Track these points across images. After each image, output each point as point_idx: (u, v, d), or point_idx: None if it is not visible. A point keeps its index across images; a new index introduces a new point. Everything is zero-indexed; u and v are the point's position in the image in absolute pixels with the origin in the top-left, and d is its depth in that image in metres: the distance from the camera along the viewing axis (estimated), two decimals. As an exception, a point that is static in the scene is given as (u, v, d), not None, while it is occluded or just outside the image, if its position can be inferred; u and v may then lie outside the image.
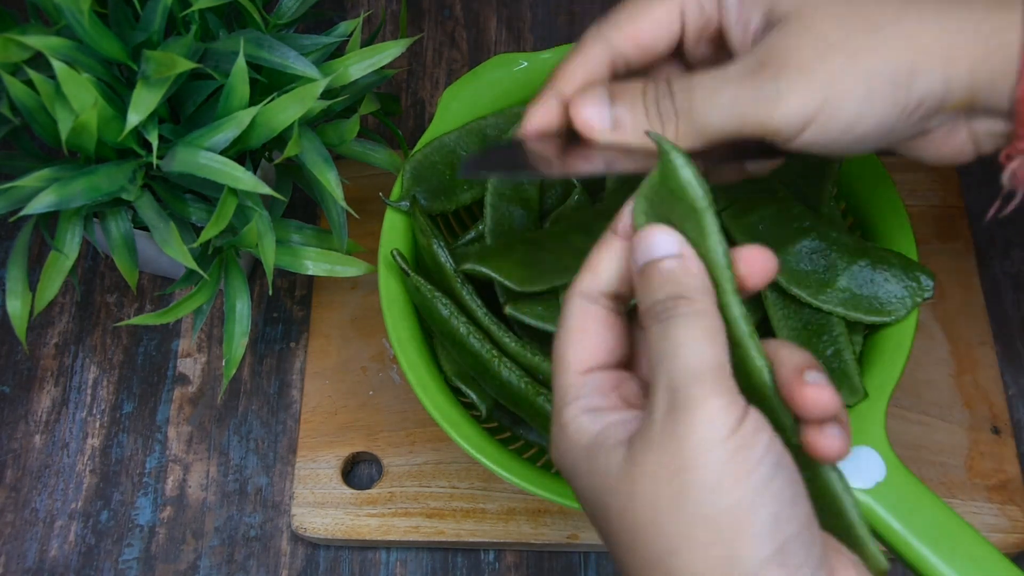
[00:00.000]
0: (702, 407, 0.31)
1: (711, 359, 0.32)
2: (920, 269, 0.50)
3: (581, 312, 0.35)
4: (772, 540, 0.30)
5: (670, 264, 0.33)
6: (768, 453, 0.31)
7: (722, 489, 0.30)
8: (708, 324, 0.32)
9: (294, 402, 0.60)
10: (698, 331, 0.32)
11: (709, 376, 0.31)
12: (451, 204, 0.54)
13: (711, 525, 0.30)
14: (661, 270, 0.33)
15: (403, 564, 0.56)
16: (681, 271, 0.33)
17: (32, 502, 0.58)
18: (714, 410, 0.31)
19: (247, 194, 0.50)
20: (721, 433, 0.30)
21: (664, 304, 0.33)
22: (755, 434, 0.31)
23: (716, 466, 0.30)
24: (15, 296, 0.53)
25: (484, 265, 0.50)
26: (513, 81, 0.56)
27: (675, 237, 0.34)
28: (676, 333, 0.32)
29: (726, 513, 0.30)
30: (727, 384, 0.31)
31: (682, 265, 0.33)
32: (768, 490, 0.30)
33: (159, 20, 0.48)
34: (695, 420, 0.31)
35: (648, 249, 0.34)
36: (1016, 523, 0.55)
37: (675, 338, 0.32)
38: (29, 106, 0.47)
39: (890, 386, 0.48)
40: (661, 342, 0.32)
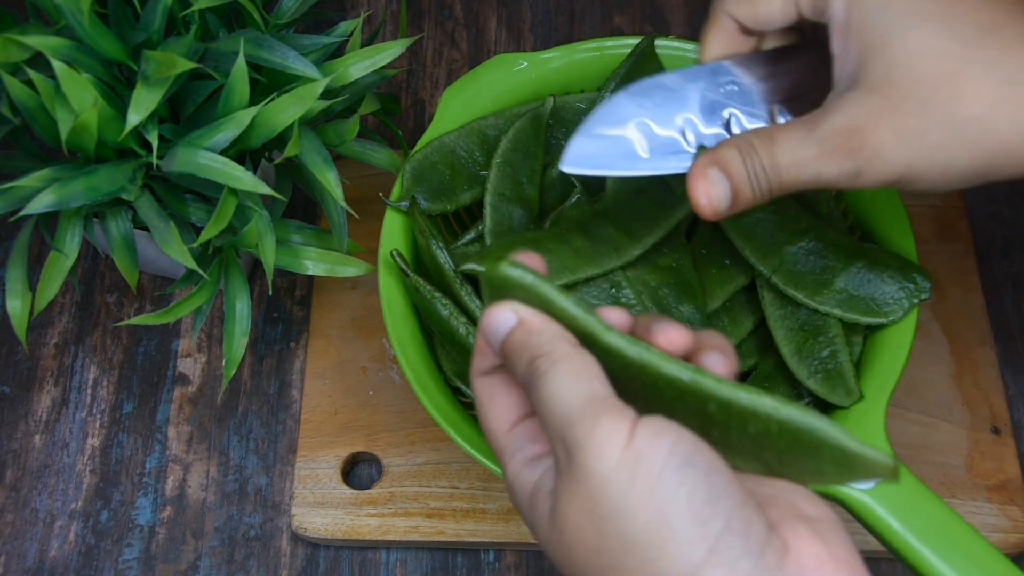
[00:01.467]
0: (588, 443, 0.31)
1: (581, 395, 0.32)
2: (917, 270, 0.50)
3: (483, 387, 0.37)
4: (699, 545, 0.30)
5: (516, 335, 0.35)
6: (672, 456, 0.31)
7: (631, 512, 0.30)
8: (569, 367, 0.33)
9: (294, 402, 0.60)
10: (561, 378, 0.33)
11: (585, 411, 0.32)
12: (451, 204, 0.54)
13: (634, 550, 0.30)
14: (512, 344, 0.35)
15: (403, 564, 0.56)
16: (526, 335, 0.34)
17: (32, 502, 0.58)
18: (600, 441, 0.31)
19: (247, 194, 0.50)
20: (615, 458, 0.31)
21: (528, 370, 0.34)
22: (651, 443, 0.31)
23: (620, 491, 0.30)
24: (15, 296, 0.53)
25: (484, 265, 0.49)
26: (513, 81, 0.56)
27: (508, 309, 0.35)
28: (545, 389, 0.33)
29: (643, 533, 0.30)
30: (606, 410, 0.32)
31: (524, 329, 0.34)
32: (679, 495, 0.30)
33: (159, 20, 0.48)
34: (587, 458, 0.31)
35: (495, 332, 0.35)
36: (1016, 523, 0.55)
37: (546, 393, 0.33)
38: (29, 106, 0.47)
39: (890, 386, 0.48)
40: (539, 405, 0.33)
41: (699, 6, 0.73)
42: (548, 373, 0.33)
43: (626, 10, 0.73)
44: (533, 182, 0.54)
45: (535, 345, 0.34)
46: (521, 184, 0.54)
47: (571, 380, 0.33)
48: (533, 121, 0.54)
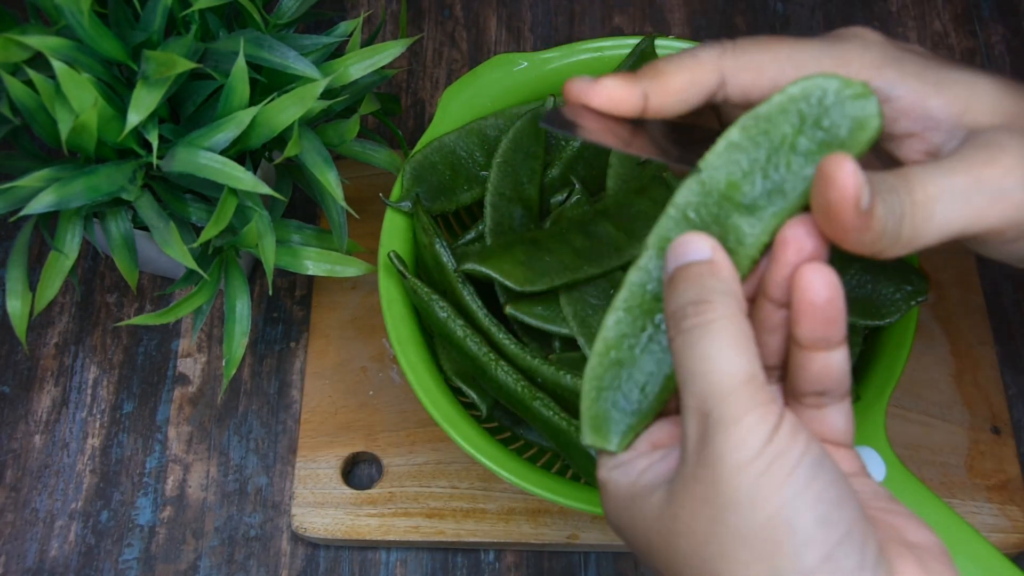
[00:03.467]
0: (734, 427, 0.29)
1: (740, 373, 0.30)
2: (914, 272, 0.50)
3: None
4: (817, 548, 0.29)
5: (697, 268, 0.32)
6: (806, 454, 0.29)
7: (756, 504, 0.29)
8: (734, 332, 0.31)
9: (294, 402, 0.60)
10: (723, 342, 0.30)
11: (740, 392, 0.30)
12: (451, 204, 0.54)
13: (749, 543, 0.29)
14: (688, 273, 0.32)
15: (403, 564, 0.56)
16: (708, 273, 0.32)
17: (32, 502, 0.58)
18: (746, 428, 0.29)
19: (247, 194, 0.50)
20: (754, 450, 0.29)
21: (686, 310, 0.31)
22: (791, 438, 0.30)
23: (750, 483, 0.29)
24: (15, 296, 0.53)
25: (484, 265, 0.50)
26: (513, 81, 0.56)
27: (709, 242, 0.32)
28: (700, 347, 0.30)
29: (763, 528, 0.29)
30: (760, 395, 0.30)
31: (710, 268, 0.32)
32: (808, 493, 0.29)
33: (159, 20, 0.48)
34: (728, 443, 0.29)
35: (679, 255, 0.33)
36: (1016, 523, 0.55)
37: (701, 351, 0.30)
38: (29, 106, 0.47)
39: (890, 386, 0.48)
40: (686, 356, 0.31)
41: (699, 6, 0.73)
42: (711, 327, 0.31)
43: (626, 10, 0.73)
44: (533, 182, 0.54)
45: (709, 288, 0.31)
46: (521, 184, 0.54)
47: (733, 348, 0.30)
48: (533, 121, 0.54)
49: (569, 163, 0.55)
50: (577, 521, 0.55)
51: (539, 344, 0.51)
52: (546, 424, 0.48)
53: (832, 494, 0.29)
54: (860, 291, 0.50)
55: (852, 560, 0.29)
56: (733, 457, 0.29)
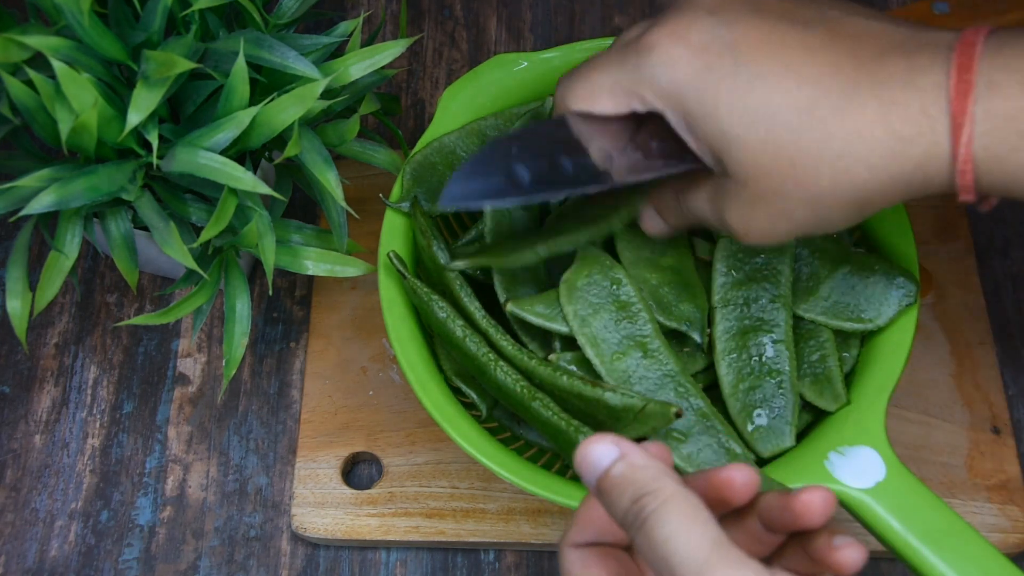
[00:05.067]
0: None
1: (703, 542, 0.31)
2: (903, 275, 0.50)
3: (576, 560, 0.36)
4: None
5: (617, 470, 0.33)
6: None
7: None
8: (681, 507, 0.32)
9: (294, 402, 0.60)
10: (674, 520, 0.31)
11: (712, 558, 0.31)
12: (451, 204, 0.54)
13: None
14: (612, 479, 0.33)
15: (403, 564, 0.56)
16: (630, 469, 0.33)
17: (32, 502, 0.58)
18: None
19: (247, 194, 0.50)
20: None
21: (634, 508, 0.32)
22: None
23: None
24: (15, 296, 0.53)
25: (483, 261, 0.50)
26: (513, 81, 0.56)
27: (610, 441, 0.34)
28: (658, 535, 0.31)
29: None
30: (731, 555, 0.31)
31: (628, 463, 0.33)
32: None
33: (159, 20, 0.48)
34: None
35: (593, 466, 0.34)
36: (1016, 523, 0.55)
37: (661, 540, 0.31)
38: (29, 106, 0.47)
39: (890, 386, 0.48)
40: (649, 550, 0.32)
41: (699, 6, 0.73)
42: (659, 514, 0.32)
43: (626, 10, 0.73)
44: (533, 182, 0.54)
45: (641, 481, 0.32)
46: (521, 184, 0.54)
47: (687, 524, 0.31)
48: (533, 121, 0.54)
49: (569, 163, 0.55)
50: (577, 521, 0.55)
51: (539, 344, 0.51)
52: (546, 424, 0.48)
53: None
54: (849, 295, 0.50)
55: None
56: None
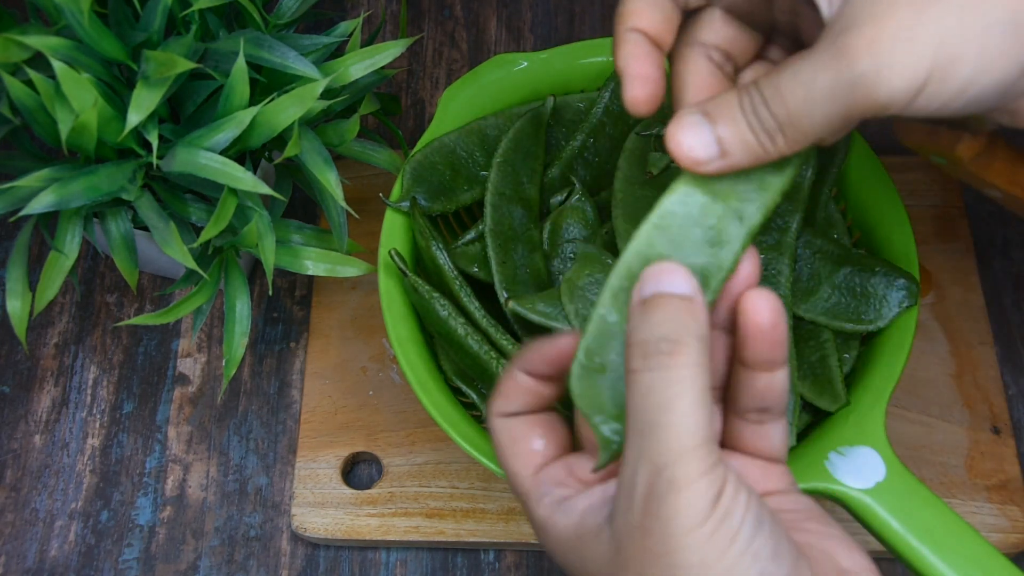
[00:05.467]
0: (686, 491, 0.30)
1: (700, 432, 0.30)
2: (903, 276, 0.50)
3: (505, 428, 0.36)
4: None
5: (676, 301, 0.32)
6: (748, 513, 0.31)
7: (706, 565, 0.30)
8: (700, 386, 0.31)
9: (294, 402, 0.60)
10: (690, 396, 0.30)
11: (697, 454, 0.30)
12: (451, 204, 0.54)
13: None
14: (666, 304, 0.32)
15: (403, 564, 0.56)
16: (687, 311, 0.31)
17: (32, 502, 0.58)
18: (697, 493, 0.30)
19: (247, 194, 0.50)
20: (703, 514, 0.30)
21: (658, 346, 0.31)
22: (734, 499, 0.30)
23: (699, 546, 0.30)
24: (15, 296, 0.53)
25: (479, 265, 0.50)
26: (513, 81, 0.56)
27: (692, 280, 0.32)
28: (667, 396, 0.30)
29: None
30: (711, 458, 0.30)
31: (689, 307, 0.32)
32: (750, 551, 0.30)
33: (159, 20, 0.48)
34: (679, 505, 0.30)
35: (659, 282, 0.32)
36: (1016, 523, 0.55)
37: (666, 403, 0.30)
38: (29, 106, 0.47)
39: (890, 387, 0.48)
40: (649, 403, 0.31)
41: (699, 6, 0.73)
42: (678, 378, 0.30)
43: (626, 10, 0.73)
44: (533, 182, 0.54)
45: (686, 329, 0.31)
46: (521, 184, 0.54)
47: (695, 405, 0.30)
48: (533, 121, 0.54)
49: (569, 163, 0.55)
50: (577, 521, 0.55)
51: (539, 344, 0.51)
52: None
53: (768, 548, 0.31)
54: (848, 296, 0.50)
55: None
56: (683, 519, 0.30)
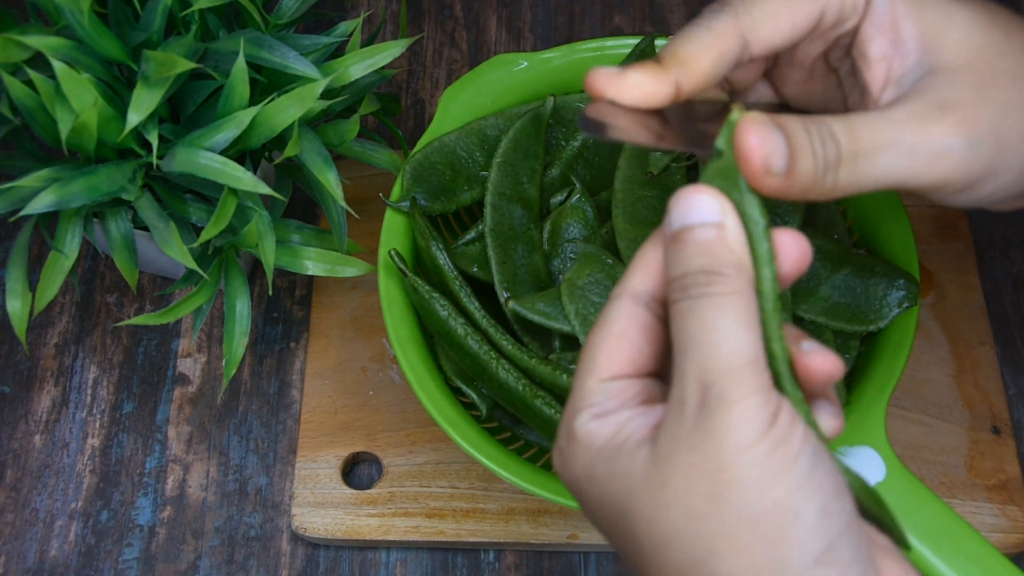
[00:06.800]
0: (738, 406, 0.29)
1: (747, 352, 0.29)
2: (903, 276, 0.50)
3: (627, 315, 0.32)
4: (820, 538, 0.28)
5: (707, 233, 0.30)
6: (805, 445, 0.29)
7: (762, 488, 0.28)
8: (744, 309, 0.30)
9: (294, 402, 0.60)
10: (733, 317, 0.29)
11: (746, 372, 0.29)
12: (451, 204, 0.54)
13: (753, 526, 0.28)
14: (696, 239, 0.30)
15: (403, 564, 0.56)
16: (718, 243, 0.30)
17: (32, 502, 0.58)
18: (750, 409, 0.29)
19: (247, 194, 0.50)
20: (758, 431, 0.29)
21: (695, 278, 0.30)
22: (791, 427, 0.29)
23: (754, 465, 0.28)
24: (15, 296, 0.53)
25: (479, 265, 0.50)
26: (513, 81, 0.56)
27: (718, 202, 0.31)
28: (708, 317, 0.29)
29: (768, 512, 0.28)
30: (763, 379, 0.29)
31: (720, 236, 0.30)
32: (810, 484, 0.29)
33: (159, 20, 0.48)
34: (731, 420, 0.29)
35: (686, 212, 0.31)
36: (1016, 523, 0.55)
37: (708, 323, 0.29)
38: (29, 106, 0.47)
39: (890, 386, 0.48)
40: (690, 324, 0.30)
41: (699, 6, 0.73)
42: (720, 301, 0.29)
43: (626, 10, 0.73)
44: (533, 182, 0.54)
45: (721, 259, 0.30)
46: (522, 184, 0.54)
47: (741, 326, 0.29)
48: (533, 121, 0.54)
49: (569, 163, 0.55)
50: (577, 521, 0.55)
51: (539, 344, 0.51)
52: (547, 423, 0.48)
53: (831, 485, 0.29)
54: (849, 296, 0.50)
55: (850, 552, 0.29)
56: (737, 435, 0.29)
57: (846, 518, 0.29)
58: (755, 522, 0.28)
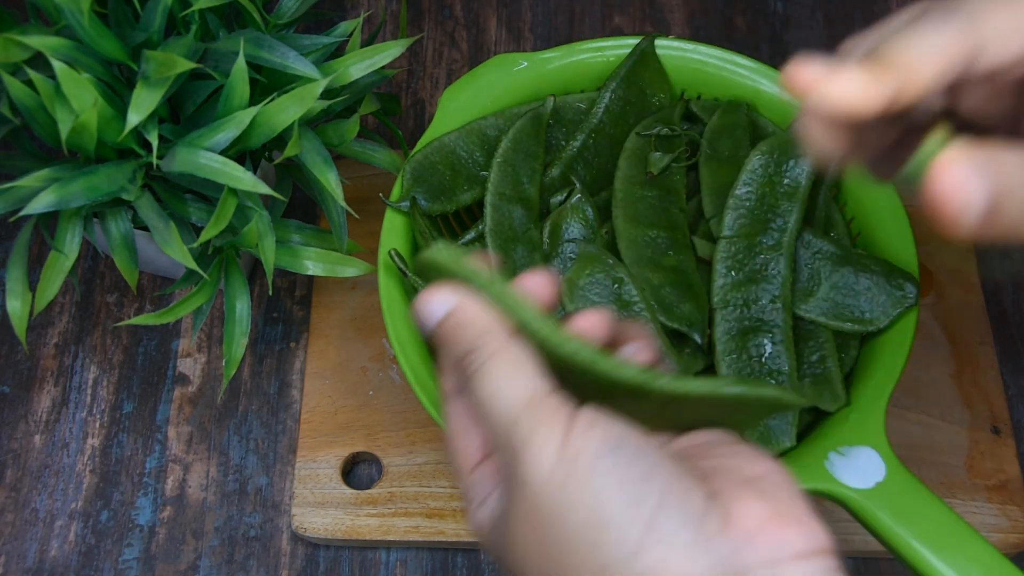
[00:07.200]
0: (529, 448, 0.30)
1: (520, 395, 0.31)
2: (903, 276, 0.50)
3: (455, 412, 0.35)
4: (635, 524, 0.29)
5: (448, 324, 0.33)
6: (603, 445, 0.30)
7: (569, 509, 0.30)
8: (506, 361, 0.32)
9: (294, 402, 0.60)
10: (497, 376, 0.32)
11: (525, 414, 0.31)
12: (451, 204, 0.54)
13: (575, 548, 0.30)
14: (445, 331, 0.34)
15: (403, 564, 0.56)
16: (458, 326, 0.33)
17: (32, 502, 0.58)
18: (538, 445, 0.30)
19: (247, 194, 0.50)
20: (552, 459, 0.30)
21: (465, 361, 0.33)
22: (585, 435, 0.30)
23: (557, 492, 0.30)
24: (15, 296, 0.53)
25: None
26: (513, 81, 0.56)
27: (444, 294, 0.34)
28: (482, 390, 0.32)
29: (581, 527, 0.30)
30: (541, 409, 0.31)
31: (457, 319, 0.33)
32: (611, 481, 0.30)
33: (159, 20, 0.48)
34: (529, 464, 0.30)
35: (428, 315, 0.34)
36: (1016, 523, 0.55)
37: (484, 394, 0.32)
38: (29, 106, 0.47)
39: (890, 386, 0.48)
40: (478, 400, 0.32)
41: (699, 6, 0.73)
42: (483, 370, 0.32)
43: (626, 10, 0.73)
44: (533, 182, 0.54)
45: (467, 338, 0.33)
46: (522, 184, 0.54)
47: (507, 378, 0.32)
48: (533, 121, 0.54)
49: (569, 163, 0.55)
50: (577, 521, 0.55)
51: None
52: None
53: (635, 472, 0.30)
54: (849, 296, 0.50)
55: (673, 522, 0.29)
56: (536, 473, 0.30)
57: (659, 493, 0.30)
58: (575, 543, 0.30)
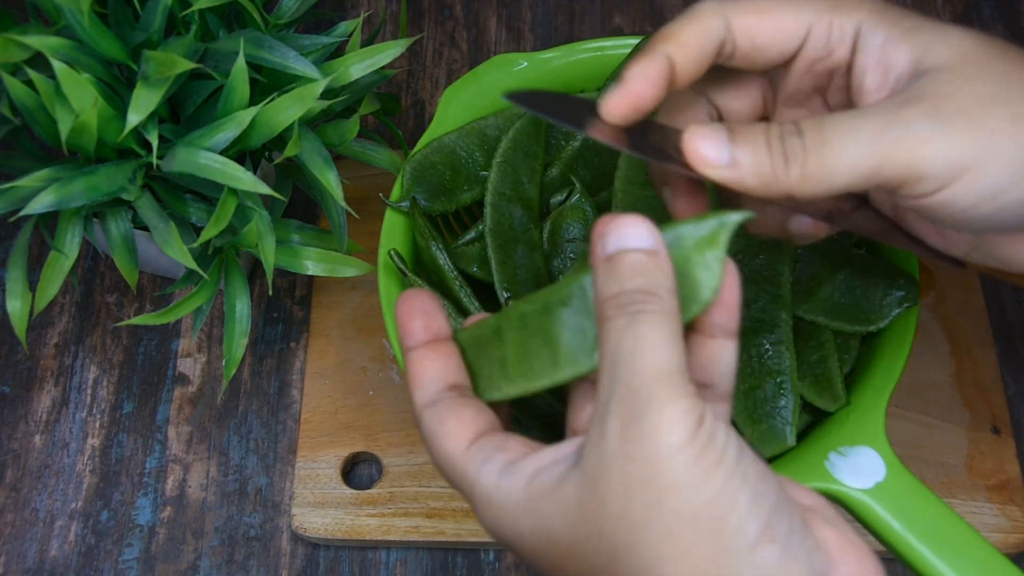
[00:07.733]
0: (669, 409, 0.30)
1: (674, 362, 0.31)
2: (903, 276, 0.50)
3: (431, 417, 0.36)
4: (756, 520, 0.30)
5: (642, 257, 0.32)
6: (729, 439, 0.31)
7: (698, 487, 0.30)
8: (675, 326, 0.32)
9: (294, 402, 0.60)
10: (664, 332, 0.31)
11: (673, 378, 0.31)
12: (451, 204, 0.54)
13: (693, 524, 0.30)
14: (633, 261, 0.32)
15: (403, 564, 0.56)
16: (654, 267, 0.32)
17: (32, 502, 0.58)
18: (680, 411, 0.30)
19: (247, 194, 0.50)
20: (688, 433, 0.30)
21: (632, 296, 0.32)
22: (715, 424, 0.31)
23: (688, 466, 0.30)
24: (15, 296, 0.53)
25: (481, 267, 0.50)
26: (513, 81, 0.56)
27: (652, 232, 0.33)
28: (642, 330, 0.31)
29: (705, 508, 0.30)
30: (690, 386, 0.31)
31: (656, 261, 0.32)
32: (738, 473, 0.30)
33: (159, 20, 0.48)
34: (662, 423, 0.30)
35: (621, 238, 0.33)
36: (1016, 523, 0.55)
37: (641, 335, 0.31)
38: (29, 106, 0.47)
39: (890, 387, 0.48)
40: (623, 338, 0.31)
41: (699, 6, 0.73)
42: (654, 317, 0.31)
43: (626, 10, 0.73)
44: (533, 182, 0.54)
45: (656, 282, 0.32)
46: (522, 184, 0.54)
47: (670, 340, 0.31)
48: (533, 121, 0.54)
49: (569, 163, 0.55)
50: (577, 521, 0.55)
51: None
52: (546, 421, 0.48)
53: (755, 471, 0.31)
54: (849, 296, 0.50)
55: (784, 525, 0.30)
56: (670, 437, 0.30)
57: (775, 496, 0.31)
58: (695, 520, 0.30)
